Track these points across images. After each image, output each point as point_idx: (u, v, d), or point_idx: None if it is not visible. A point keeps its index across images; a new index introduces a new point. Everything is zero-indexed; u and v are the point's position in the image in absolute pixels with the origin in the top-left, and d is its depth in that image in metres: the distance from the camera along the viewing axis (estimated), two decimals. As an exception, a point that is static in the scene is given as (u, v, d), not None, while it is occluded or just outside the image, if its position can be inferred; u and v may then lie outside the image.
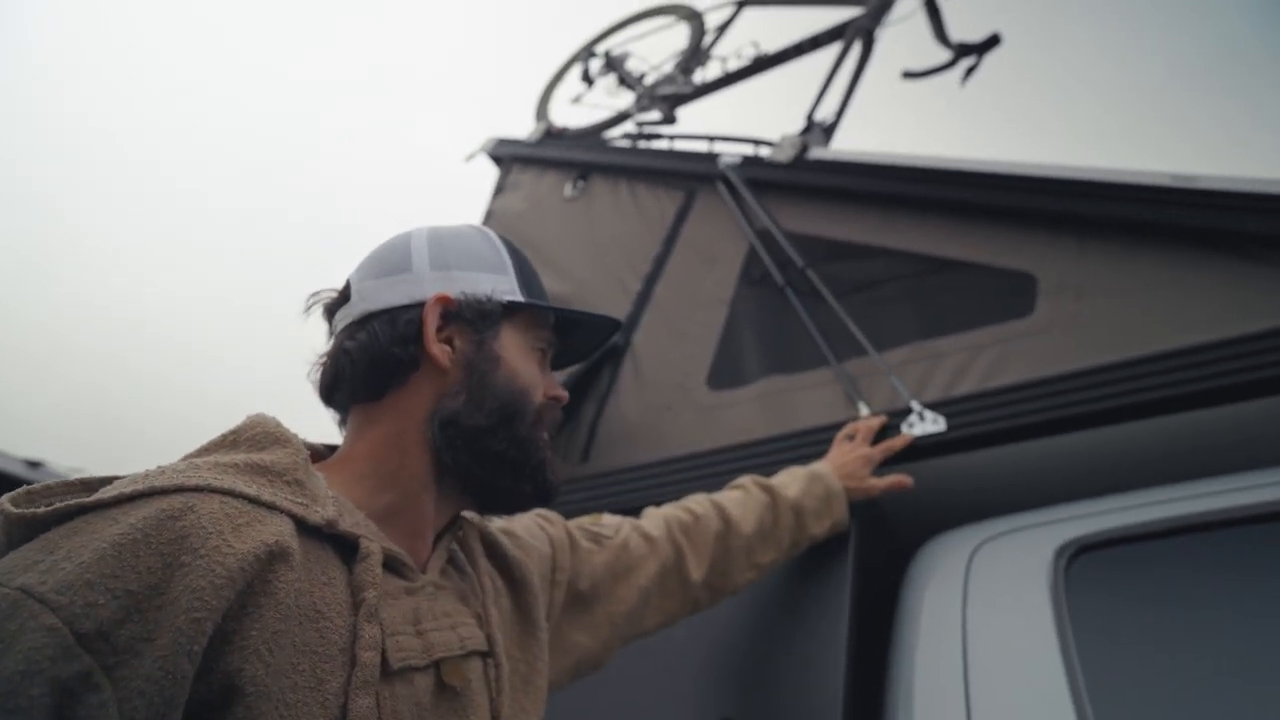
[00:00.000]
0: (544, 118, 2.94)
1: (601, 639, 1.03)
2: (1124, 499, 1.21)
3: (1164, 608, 1.06)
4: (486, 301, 0.83)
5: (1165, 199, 1.38)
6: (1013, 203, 1.56)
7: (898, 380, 1.50)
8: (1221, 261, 1.31)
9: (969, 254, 1.59)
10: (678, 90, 2.69)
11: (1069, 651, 1.02)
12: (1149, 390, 1.25)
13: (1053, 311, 1.43)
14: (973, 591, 1.17)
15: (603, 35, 3.12)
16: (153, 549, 0.58)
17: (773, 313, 1.79)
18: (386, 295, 0.84)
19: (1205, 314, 1.28)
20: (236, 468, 0.68)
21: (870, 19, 2.36)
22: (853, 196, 1.81)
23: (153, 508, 0.61)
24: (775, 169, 1.96)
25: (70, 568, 0.56)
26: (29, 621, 0.53)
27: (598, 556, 1.05)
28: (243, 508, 0.64)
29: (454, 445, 0.81)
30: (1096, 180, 1.46)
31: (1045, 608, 1.08)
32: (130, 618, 0.56)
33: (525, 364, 0.86)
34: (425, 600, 0.77)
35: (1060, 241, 1.49)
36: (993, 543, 1.24)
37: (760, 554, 1.22)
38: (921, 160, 1.72)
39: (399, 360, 0.81)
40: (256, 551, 0.62)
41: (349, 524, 0.72)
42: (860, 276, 1.72)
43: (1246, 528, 1.08)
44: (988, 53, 2.29)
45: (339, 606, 0.68)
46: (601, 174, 2.40)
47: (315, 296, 0.89)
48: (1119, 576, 1.11)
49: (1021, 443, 1.35)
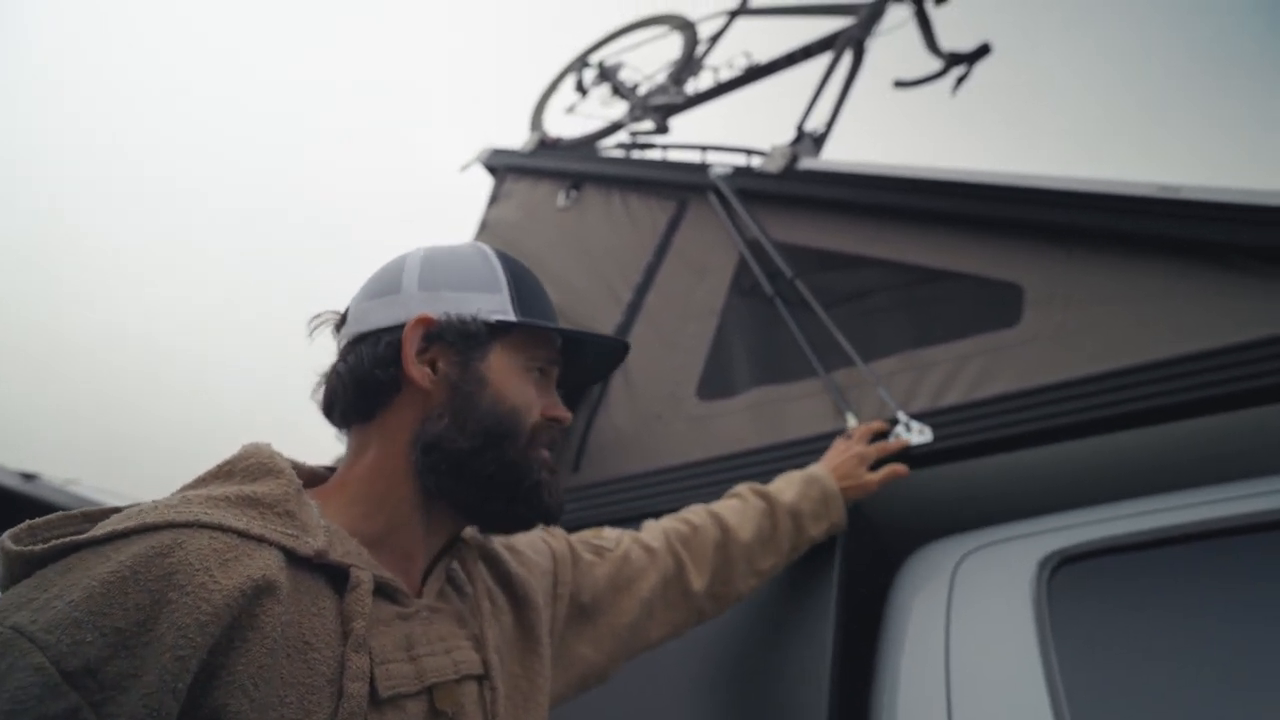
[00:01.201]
0: (538, 128, 2.96)
1: (605, 651, 1.03)
2: (1108, 510, 1.21)
3: (1147, 618, 1.06)
4: (471, 322, 0.83)
5: (1151, 210, 1.39)
6: (999, 213, 1.56)
7: (884, 391, 1.50)
8: (1208, 272, 1.32)
9: (956, 264, 1.59)
10: (670, 100, 2.70)
11: (1050, 662, 1.02)
12: (1135, 401, 1.26)
13: (1039, 321, 1.43)
14: (957, 602, 1.18)
15: (596, 45, 3.13)
16: (141, 586, 0.59)
17: (763, 323, 1.79)
18: (375, 316, 0.84)
19: (1191, 324, 1.29)
20: (228, 500, 0.69)
21: (861, 29, 2.37)
22: (842, 207, 1.82)
23: (143, 545, 0.62)
24: (765, 179, 1.97)
25: (61, 606, 0.57)
26: (18, 660, 0.55)
27: (599, 569, 1.05)
28: (231, 542, 0.65)
29: (437, 470, 0.80)
30: (1082, 191, 1.47)
31: (1028, 618, 1.08)
32: (118, 654, 0.57)
33: (517, 384, 0.85)
34: (419, 625, 0.77)
35: (1047, 252, 1.49)
36: (978, 553, 1.24)
37: (761, 560, 1.22)
38: (909, 171, 1.72)
39: (381, 382, 0.81)
40: (243, 587, 0.63)
41: (339, 553, 0.72)
42: (849, 287, 1.72)
43: (1231, 538, 1.08)
44: (978, 62, 2.30)
45: (328, 637, 0.69)
46: (594, 184, 2.41)
47: (317, 319, 0.90)
48: (1102, 587, 1.11)
49: (1008, 453, 1.35)
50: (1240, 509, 1.09)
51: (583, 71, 3.10)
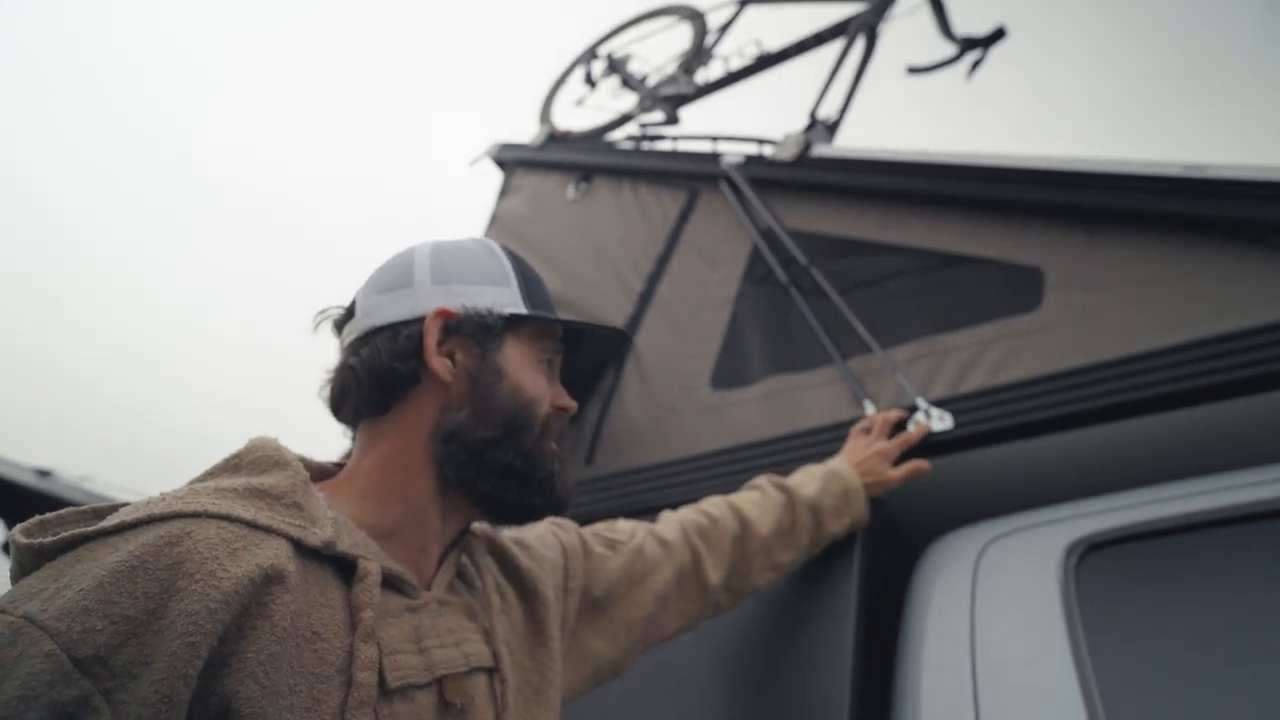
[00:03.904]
0: (547, 121, 2.94)
1: (619, 645, 1.03)
2: (1134, 495, 1.19)
3: (1175, 605, 1.04)
4: (488, 314, 0.84)
5: (1176, 189, 1.36)
6: (1019, 196, 1.53)
7: (903, 377, 1.48)
8: (1234, 252, 1.28)
9: (974, 248, 1.57)
10: (680, 91, 2.67)
11: (1079, 650, 1.00)
12: (1160, 384, 1.23)
13: (1061, 305, 1.40)
14: (981, 590, 1.15)
15: (605, 37, 3.11)
16: (150, 575, 0.60)
17: (777, 311, 1.77)
18: (389, 310, 0.84)
19: (1218, 304, 1.26)
20: (236, 492, 0.70)
21: (873, 14, 2.34)
22: (856, 193, 1.79)
23: (151, 534, 0.62)
24: (778, 167, 1.95)
25: (71, 595, 0.58)
26: (29, 648, 0.55)
27: (612, 562, 1.05)
28: (240, 532, 0.65)
29: (458, 459, 0.81)
30: (1105, 172, 1.44)
31: (1055, 606, 1.05)
32: (127, 643, 0.58)
33: (530, 376, 0.86)
34: (428, 617, 0.78)
35: (1068, 234, 1.46)
36: (1001, 541, 1.22)
37: (779, 554, 1.21)
38: (925, 155, 1.70)
39: (401, 375, 0.81)
40: (252, 575, 0.63)
41: (347, 544, 0.72)
42: (865, 273, 1.70)
43: (1258, 524, 1.06)
44: (993, 46, 2.27)
45: (336, 627, 0.69)
46: (604, 176, 2.40)
47: (323, 313, 0.90)
48: (1129, 574, 1.09)
49: (1030, 439, 1.32)
50: (1269, 494, 1.07)
51: (591, 64, 3.08)
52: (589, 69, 3.08)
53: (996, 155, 1.61)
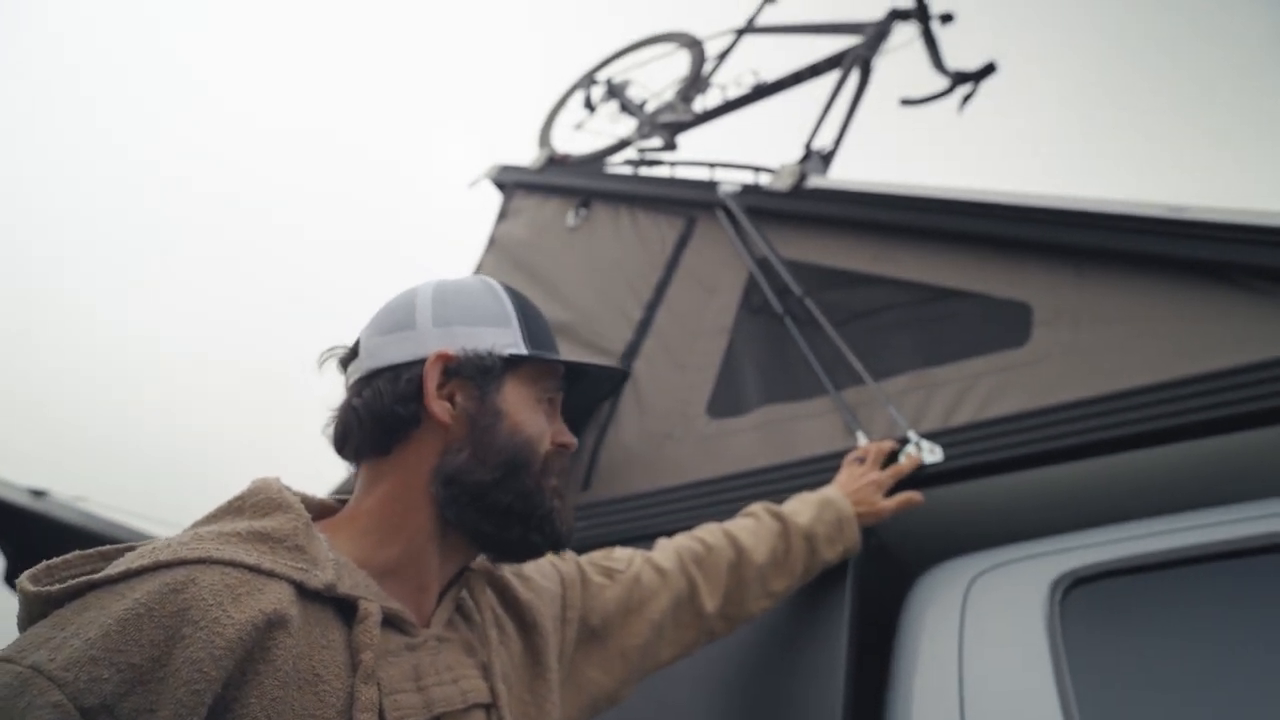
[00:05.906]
0: (546, 144, 2.98)
1: (616, 674, 1.04)
2: (1119, 530, 1.22)
3: (1160, 640, 1.07)
4: (487, 357, 0.85)
5: (1159, 230, 1.40)
6: (1008, 232, 1.57)
7: (895, 409, 1.51)
8: (1217, 292, 1.32)
9: (964, 283, 1.60)
10: (678, 117, 2.72)
11: (1064, 684, 1.02)
12: (1146, 421, 1.26)
13: (1048, 341, 1.44)
14: (969, 623, 1.18)
15: (604, 63, 3.16)
16: (155, 622, 0.61)
17: (772, 341, 1.80)
18: (390, 352, 0.86)
19: (1201, 344, 1.29)
20: (239, 536, 0.71)
21: (868, 47, 2.39)
22: (850, 225, 1.83)
23: (156, 582, 0.64)
24: (774, 197, 1.98)
25: (78, 644, 0.59)
26: (36, 699, 0.56)
27: (609, 591, 1.06)
28: (243, 577, 0.67)
29: (458, 501, 0.82)
30: (1091, 211, 1.48)
31: (1041, 640, 1.08)
32: (134, 690, 0.59)
33: (531, 415, 0.87)
34: (428, 655, 0.79)
35: (1056, 271, 1.50)
36: (989, 574, 1.25)
37: (774, 581, 1.23)
38: (917, 189, 1.73)
39: (401, 418, 0.83)
40: (255, 621, 0.64)
41: (348, 586, 0.74)
42: (858, 304, 1.73)
43: (1244, 560, 1.08)
44: (984, 80, 2.32)
45: (337, 669, 0.70)
46: (603, 201, 2.43)
47: (329, 352, 0.91)
48: (1114, 608, 1.11)
49: (1018, 473, 1.35)
50: (1252, 530, 1.09)
51: (591, 88, 3.12)
52: (588, 93, 3.12)
53: (986, 191, 1.64)
